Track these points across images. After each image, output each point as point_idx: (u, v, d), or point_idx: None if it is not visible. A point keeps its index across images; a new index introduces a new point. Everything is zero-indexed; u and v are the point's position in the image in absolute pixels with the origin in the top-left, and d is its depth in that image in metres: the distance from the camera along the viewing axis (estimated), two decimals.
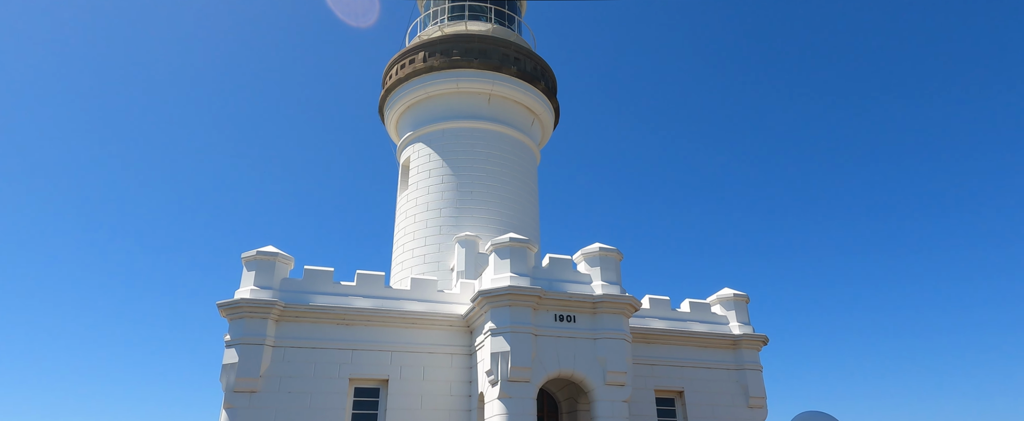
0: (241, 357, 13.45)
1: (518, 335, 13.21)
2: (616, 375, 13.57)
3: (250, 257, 14.79)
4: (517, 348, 13.07)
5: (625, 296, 14.21)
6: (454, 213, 19.77)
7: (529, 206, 21.20)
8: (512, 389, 12.89)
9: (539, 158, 23.61)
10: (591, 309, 14.22)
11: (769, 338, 17.79)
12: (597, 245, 14.96)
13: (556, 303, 14.00)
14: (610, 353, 13.71)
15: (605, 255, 14.85)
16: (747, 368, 17.26)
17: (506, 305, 13.50)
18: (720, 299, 18.53)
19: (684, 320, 17.69)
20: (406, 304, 15.40)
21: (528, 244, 14.59)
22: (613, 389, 13.59)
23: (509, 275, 13.93)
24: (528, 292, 13.48)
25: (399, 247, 20.58)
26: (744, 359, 17.38)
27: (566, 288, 14.38)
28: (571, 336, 13.91)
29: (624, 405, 13.56)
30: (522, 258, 14.32)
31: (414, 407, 14.25)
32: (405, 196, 21.30)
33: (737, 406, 16.95)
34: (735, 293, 18.38)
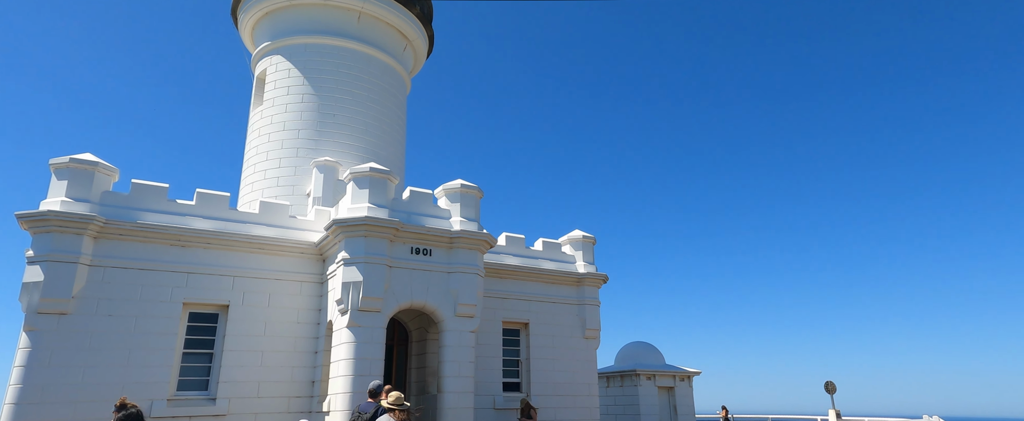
0: (47, 275, 11.91)
1: (372, 266, 13.14)
2: (466, 307, 14.15)
3: (61, 164, 12.85)
4: (370, 279, 13.03)
5: (482, 233, 14.65)
6: (314, 136, 18.67)
7: (395, 136, 20.64)
8: (362, 318, 12.93)
9: (409, 87, 22.85)
10: (448, 244, 14.49)
11: (609, 277, 19.55)
12: (459, 182, 15.11)
13: (413, 236, 14.05)
14: (462, 287, 14.20)
15: (466, 192, 15.07)
16: (587, 303, 18.90)
17: (361, 235, 13.29)
18: (570, 240, 19.84)
19: (536, 258, 18.75)
20: (254, 228, 14.52)
21: (389, 175, 14.31)
22: (463, 320, 14.19)
23: (367, 205, 13.65)
24: (385, 224, 13.35)
25: (250, 167, 19.11)
26: (585, 295, 18.99)
27: (425, 222, 14.45)
28: (426, 269, 14.13)
29: (472, 335, 14.27)
30: (382, 189, 14.05)
31: (256, 333, 13.78)
32: (260, 112, 19.62)
33: (574, 337, 18.63)
34: (584, 235, 19.77)
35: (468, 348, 14.03)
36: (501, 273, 17.63)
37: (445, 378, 13.62)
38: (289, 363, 14.05)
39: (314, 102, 19.02)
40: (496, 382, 16.68)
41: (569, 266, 19.23)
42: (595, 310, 19.02)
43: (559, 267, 18.95)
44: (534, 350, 17.73)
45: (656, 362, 23.03)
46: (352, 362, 12.52)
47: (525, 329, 17.95)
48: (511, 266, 17.73)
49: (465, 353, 13.92)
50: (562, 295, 18.78)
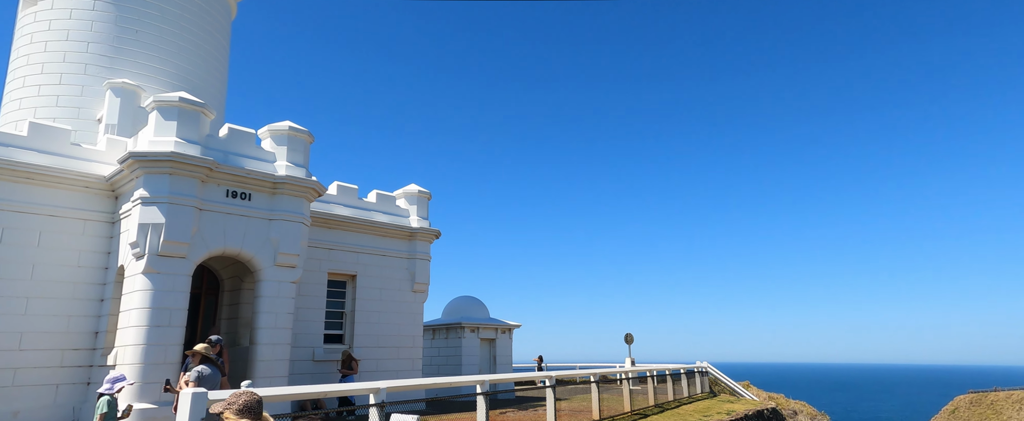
0: None
1: (177, 207, 11.81)
2: (288, 257, 13.45)
3: None
4: (174, 221, 11.72)
5: (310, 180, 13.90)
6: (109, 52, 15.94)
7: (214, 65, 18.43)
8: (162, 264, 11.64)
9: (235, 11, 20.44)
10: (271, 189, 13.53)
11: (441, 232, 19.86)
12: (287, 123, 14.08)
13: (231, 178, 12.86)
14: (285, 235, 13.43)
15: (294, 135, 14.11)
16: (418, 257, 19.06)
17: (166, 172, 11.83)
18: (405, 194, 19.70)
19: (368, 210, 18.34)
20: (20, 153, 12.13)
21: (203, 108, 12.83)
22: (283, 270, 13.49)
23: (174, 140, 12.13)
24: (197, 162, 12.02)
25: (17, 80, 15.80)
26: (417, 249, 19.12)
27: (244, 164, 13.28)
28: (244, 214, 13.08)
29: (292, 286, 13.65)
30: (193, 122, 12.57)
31: (20, 277, 11.72)
32: (33, 14, 16.17)
33: (403, 290, 18.76)
34: (420, 190, 19.76)
35: (287, 299, 13.41)
36: (330, 223, 16.98)
37: (259, 330, 12.92)
38: (65, 311, 12.22)
39: (112, 12, 16.16)
40: (317, 334, 16.25)
41: (402, 220, 19.15)
42: (425, 265, 19.28)
43: (392, 220, 18.78)
44: (361, 302, 17.53)
45: (481, 316, 24.18)
46: (148, 312, 11.28)
47: (352, 281, 17.63)
48: (341, 217, 17.15)
49: (283, 304, 13.30)
50: (393, 248, 18.70)
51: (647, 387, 21.06)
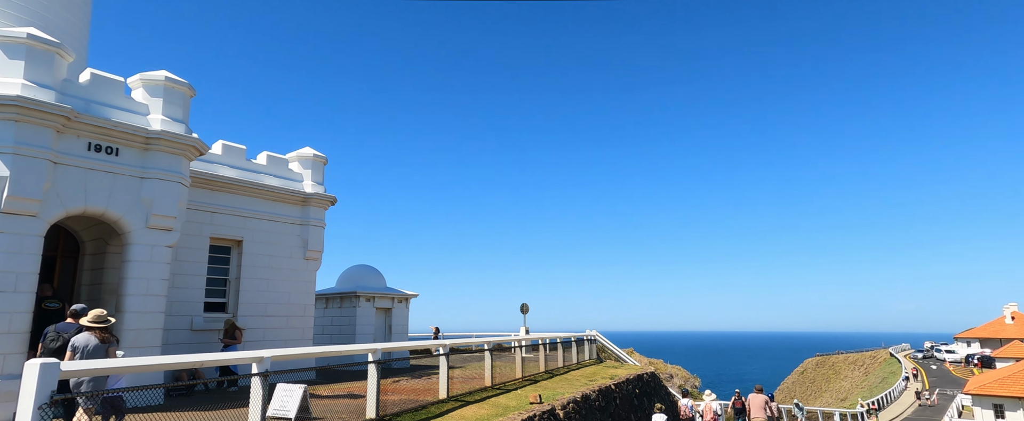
0: None
1: (25, 159, 10.43)
2: (163, 219, 12.39)
3: None
4: (22, 174, 10.36)
5: (190, 136, 12.80)
6: None
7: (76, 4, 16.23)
8: (7, 223, 10.29)
9: None
10: (143, 144, 12.31)
11: (337, 199, 19.19)
12: (163, 73, 12.80)
13: (94, 130, 11.53)
14: (159, 195, 12.33)
15: (172, 87, 12.88)
16: (311, 224, 18.31)
17: (11, 119, 10.37)
18: (300, 157, 18.75)
19: (257, 172, 17.28)
20: None
21: (60, 49, 11.33)
22: (156, 233, 12.42)
23: (22, 82, 10.63)
24: (50, 109, 10.63)
25: None
26: (310, 215, 18.35)
27: (110, 115, 11.94)
28: (110, 171, 11.82)
29: (167, 250, 12.63)
30: (47, 64, 11.07)
31: None
32: None
33: (295, 257, 17.99)
34: (315, 154, 18.88)
35: (161, 264, 12.40)
36: (213, 185, 15.82)
37: (127, 297, 11.87)
38: None
39: None
40: (197, 302, 15.24)
41: (295, 184, 18.24)
42: (319, 231, 18.59)
43: (284, 184, 17.84)
44: (247, 269, 16.61)
45: (377, 285, 23.82)
46: None
47: (238, 247, 16.63)
48: (226, 178, 16.02)
49: (156, 270, 12.29)
50: (285, 214, 17.82)
51: (539, 355, 21.96)
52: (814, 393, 74.69)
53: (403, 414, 11.52)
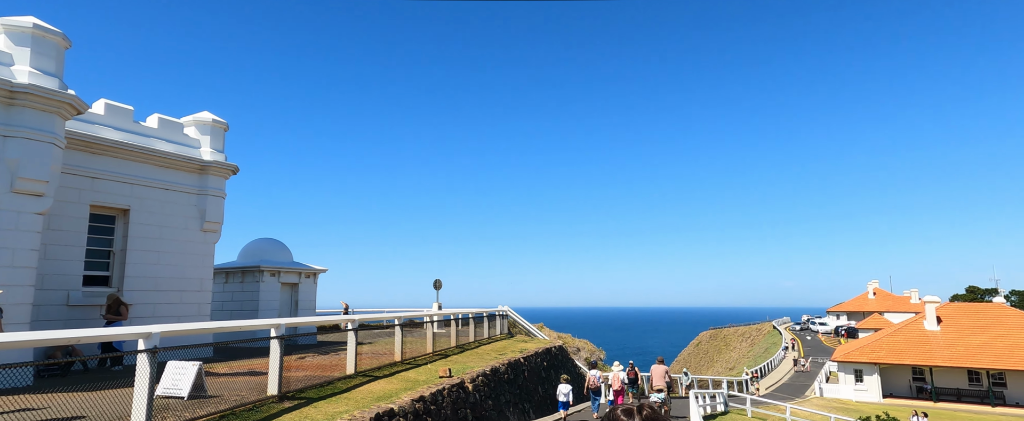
0: None
1: None
2: (31, 182, 11.14)
3: None
4: None
5: (64, 92, 11.52)
6: None
7: None
8: None
9: None
10: (6, 99, 10.94)
11: (239, 168, 18.09)
12: (30, 19, 11.38)
13: None
14: (27, 156, 11.05)
15: (41, 36, 11.48)
16: (210, 194, 17.17)
17: None
18: (197, 121, 17.43)
19: (147, 136, 15.90)
20: None
21: None
22: (23, 198, 11.16)
23: None
24: None
25: None
26: (209, 185, 17.19)
27: None
28: None
29: (37, 218, 11.39)
30: None
31: None
32: None
33: (190, 229, 16.83)
34: (215, 119, 17.63)
35: (29, 234, 11.18)
36: (94, 148, 14.39)
37: None
38: None
39: None
40: (75, 275, 13.92)
41: (191, 150, 16.97)
42: (219, 202, 17.47)
43: (178, 150, 16.54)
44: (135, 241, 15.35)
45: (283, 259, 22.85)
46: None
47: (124, 216, 15.30)
48: (110, 141, 14.62)
49: (23, 239, 11.07)
50: (179, 182, 16.57)
51: (451, 330, 22.11)
52: (707, 363, 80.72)
53: (308, 390, 11.24)
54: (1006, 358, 36.94)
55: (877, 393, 39.03)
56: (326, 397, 10.94)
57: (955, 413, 34.70)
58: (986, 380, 38.10)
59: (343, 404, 10.61)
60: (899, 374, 40.67)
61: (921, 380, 40.10)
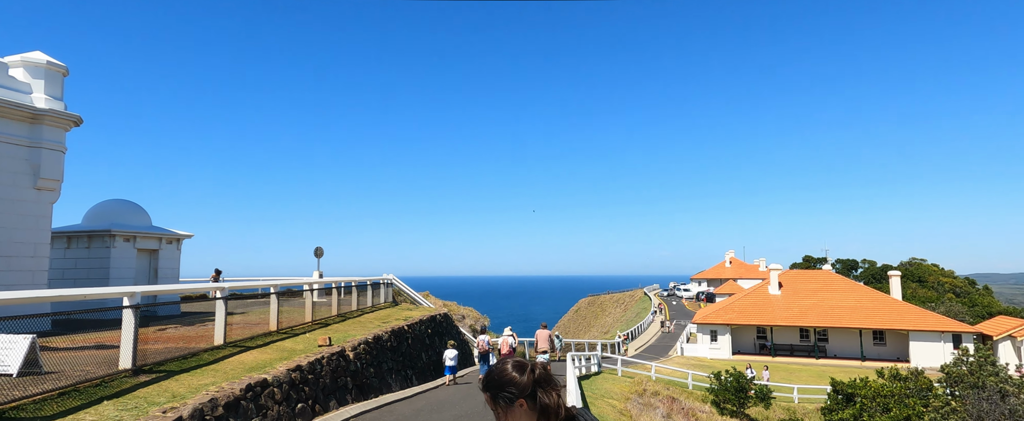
0: None
1: None
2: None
3: None
4: None
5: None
6: None
7: None
8: None
9: None
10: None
11: (83, 119, 15.90)
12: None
13: None
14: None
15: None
16: (45, 147, 14.94)
17: None
18: (26, 62, 14.98)
19: None
20: None
21: None
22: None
23: None
24: None
25: None
26: (43, 137, 14.94)
27: None
28: None
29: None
30: None
31: None
32: None
33: (20, 186, 14.61)
34: (50, 61, 15.25)
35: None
36: None
37: None
38: None
39: None
40: None
41: (19, 96, 14.61)
42: (57, 157, 15.30)
43: (1, 95, 14.15)
44: None
45: (139, 223, 20.65)
46: None
47: None
48: None
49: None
50: (4, 132, 14.23)
51: (332, 299, 21.41)
52: (585, 328, 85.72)
53: (168, 363, 10.40)
54: (829, 317, 43.04)
55: (728, 351, 43.83)
56: (190, 370, 10.20)
57: (788, 365, 39.97)
58: (813, 336, 44.20)
59: (210, 376, 9.96)
60: (746, 333, 45.92)
61: (763, 338, 45.59)
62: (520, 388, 2.27)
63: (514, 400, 2.26)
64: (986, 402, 21.31)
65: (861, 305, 43.80)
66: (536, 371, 2.29)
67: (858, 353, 42.48)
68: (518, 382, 2.28)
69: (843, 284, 47.75)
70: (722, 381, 26.86)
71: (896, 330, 41.41)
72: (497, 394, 2.29)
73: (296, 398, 11.38)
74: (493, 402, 2.31)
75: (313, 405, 11.99)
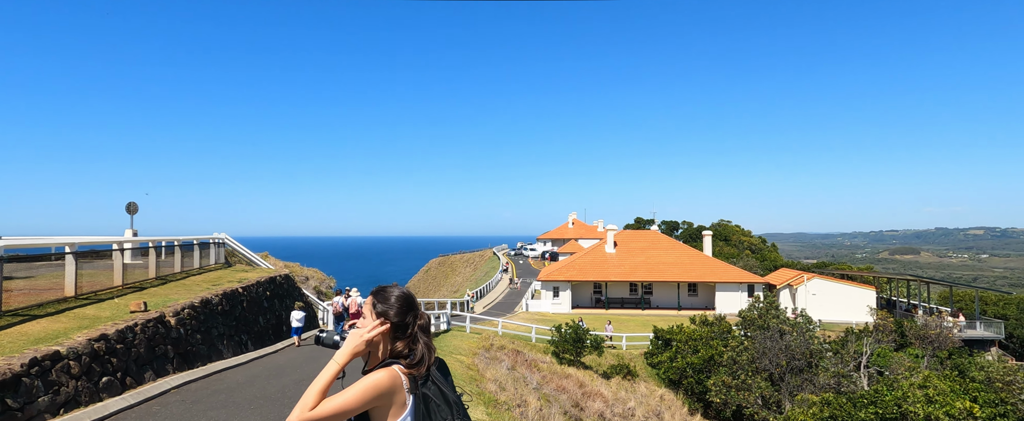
0: None
1: None
2: None
3: None
4: None
5: None
6: None
7: None
8: None
9: None
10: None
11: None
12: None
13: None
14: None
15: None
16: None
17: None
18: None
19: None
20: None
21: None
22: None
23: None
24: None
25: None
26: None
27: None
28: None
29: None
30: None
31: None
32: None
33: None
34: None
35: None
36: None
37: None
38: None
39: None
40: None
41: None
42: None
43: None
44: None
45: None
46: None
47: None
48: None
49: None
50: None
51: (149, 260, 18.92)
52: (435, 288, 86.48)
53: None
54: (655, 272, 48.11)
55: (568, 305, 47.12)
56: None
57: (619, 316, 44.16)
58: (640, 290, 49.18)
59: None
60: (585, 289, 49.67)
61: (599, 293, 49.71)
62: (398, 313, 2.51)
63: (390, 318, 2.49)
64: (769, 340, 25.44)
65: (680, 262, 49.53)
66: (420, 315, 2.61)
67: (676, 303, 48.20)
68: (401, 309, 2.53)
69: (667, 243, 53.50)
70: (562, 333, 28.83)
71: (706, 282, 47.60)
72: (386, 310, 2.53)
73: (100, 371, 9.91)
74: (372, 308, 2.55)
75: (123, 378, 10.55)
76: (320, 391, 2.25)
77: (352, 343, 2.42)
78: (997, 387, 21.22)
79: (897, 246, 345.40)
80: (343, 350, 2.41)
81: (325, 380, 2.30)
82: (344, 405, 2.22)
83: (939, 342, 29.62)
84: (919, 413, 16.41)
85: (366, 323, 2.55)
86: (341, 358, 2.38)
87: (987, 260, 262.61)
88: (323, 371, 2.35)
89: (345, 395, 2.23)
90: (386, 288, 2.62)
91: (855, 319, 40.86)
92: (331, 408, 2.20)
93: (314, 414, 2.18)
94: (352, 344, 2.41)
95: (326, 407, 2.20)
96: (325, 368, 2.36)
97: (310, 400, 2.22)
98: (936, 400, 16.69)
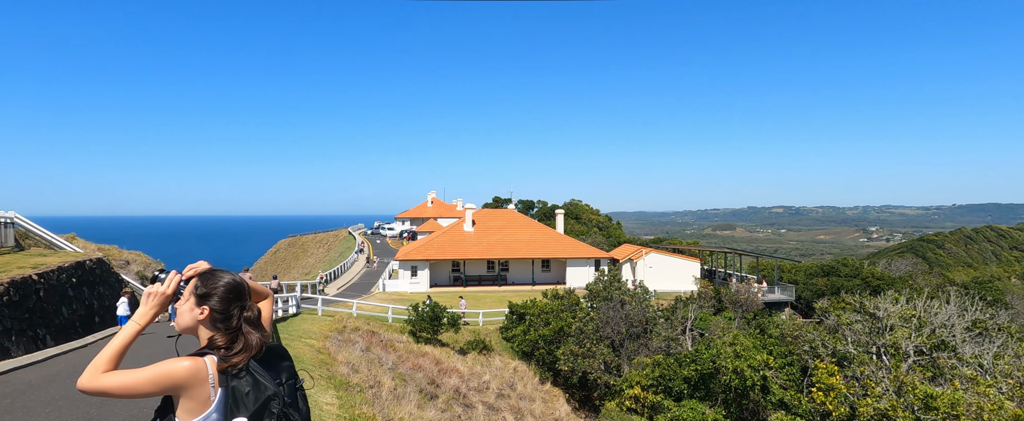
0: None
1: None
2: None
3: None
4: None
5: None
6: None
7: None
8: None
9: None
10: None
11: None
12: None
13: None
14: None
15: None
16: None
17: None
18: None
19: None
20: None
21: None
22: None
23: None
24: None
25: None
26: None
27: None
28: None
29: None
30: None
31: None
32: None
33: None
34: None
35: None
36: None
37: None
38: None
39: None
40: None
41: None
42: None
43: None
44: None
45: None
46: None
47: None
48: None
49: None
50: None
51: None
52: (285, 269, 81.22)
53: None
54: (511, 250, 49.70)
55: (426, 284, 47.01)
56: None
57: (477, 293, 45.05)
58: (497, 267, 50.56)
59: None
60: (444, 267, 49.86)
61: (458, 271, 50.21)
62: (221, 300, 2.32)
63: (210, 305, 2.30)
64: (612, 310, 27.65)
65: (535, 239, 51.69)
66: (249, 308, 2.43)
67: (531, 279, 50.34)
68: (226, 296, 2.33)
69: (523, 221, 55.47)
70: (419, 312, 28.71)
71: (558, 258, 50.28)
72: (207, 294, 2.31)
73: None
74: (193, 291, 2.33)
75: None
76: (114, 355, 2.07)
77: (156, 300, 2.24)
78: (788, 341, 25.22)
79: (718, 223, 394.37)
80: (142, 310, 2.23)
81: (122, 341, 2.13)
82: (132, 384, 2.02)
83: (747, 305, 34.38)
84: (729, 367, 18.96)
85: (182, 307, 2.31)
86: (141, 319, 2.21)
87: (785, 235, 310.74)
88: (121, 331, 2.17)
89: (136, 374, 2.04)
90: (216, 272, 2.41)
91: (684, 288, 45.92)
92: (118, 382, 2.01)
93: (103, 382, 1.99)
94: (156, 301, 2.24)
95: (114, 380, 2.01)
96: (123, 328, 2.18)
97: (102, 362, 2.03)
98: (742, 355, 19.40)
